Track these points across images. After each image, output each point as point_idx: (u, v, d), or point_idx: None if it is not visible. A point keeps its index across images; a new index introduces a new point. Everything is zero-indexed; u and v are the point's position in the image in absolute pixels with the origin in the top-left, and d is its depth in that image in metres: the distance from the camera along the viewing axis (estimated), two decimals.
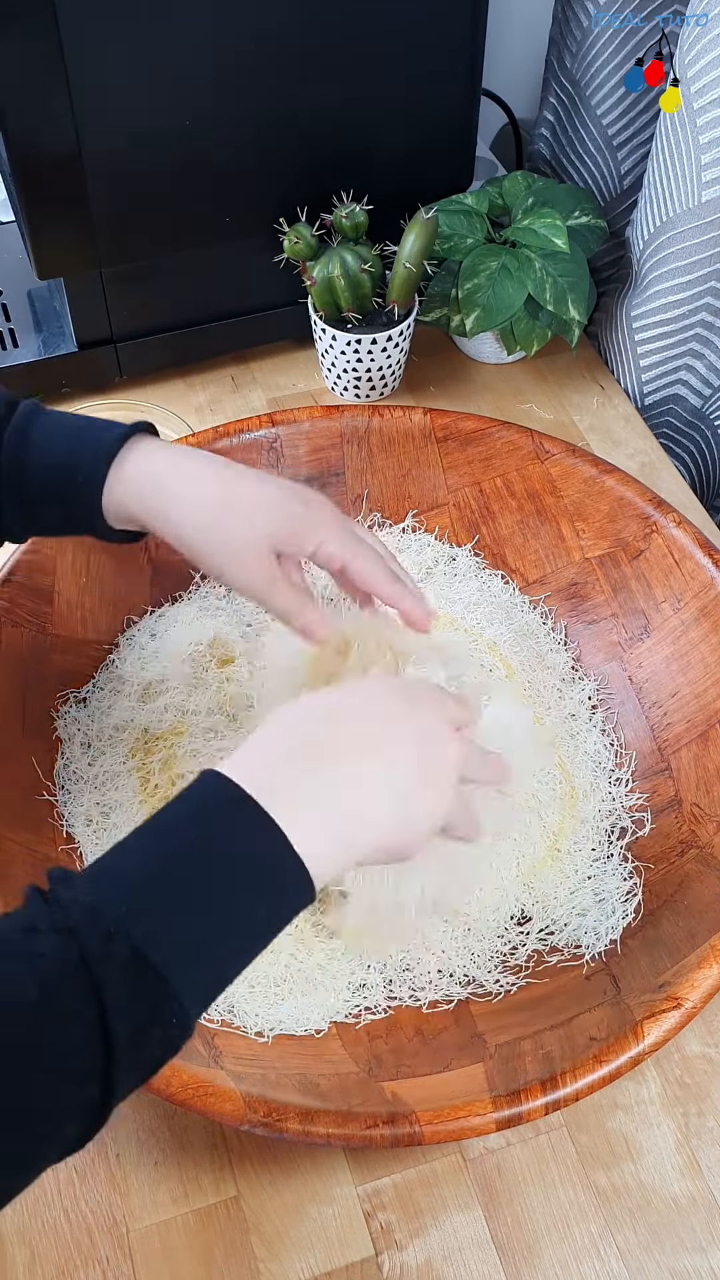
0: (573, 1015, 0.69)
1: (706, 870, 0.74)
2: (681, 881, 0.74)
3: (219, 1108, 0.62)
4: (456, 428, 0.91)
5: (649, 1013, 0.66)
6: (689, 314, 1.03)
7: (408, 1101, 0.64)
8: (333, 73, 0.92)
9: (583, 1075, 0.64)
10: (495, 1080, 0.65)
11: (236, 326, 1.08)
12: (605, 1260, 0.67)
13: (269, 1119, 0.61)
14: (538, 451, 0.89)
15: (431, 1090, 0.65)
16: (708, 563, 0.82)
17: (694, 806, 0.78)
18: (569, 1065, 0.64)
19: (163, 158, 0.92)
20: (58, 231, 0.94)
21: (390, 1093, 0.65)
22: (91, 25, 0.82)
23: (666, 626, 0.84)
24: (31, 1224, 0.68)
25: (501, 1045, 0.68)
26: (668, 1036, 0.65)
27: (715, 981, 0.66)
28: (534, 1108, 0.63)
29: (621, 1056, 0.64)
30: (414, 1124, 0.62)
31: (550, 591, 0.90)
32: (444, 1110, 0.63)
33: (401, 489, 0.93)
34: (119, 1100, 0.47)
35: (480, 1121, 0.62)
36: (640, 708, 0.84)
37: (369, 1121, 0.62)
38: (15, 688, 0.80)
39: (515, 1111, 0.63)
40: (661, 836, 0.78)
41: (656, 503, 0.86)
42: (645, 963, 0.70)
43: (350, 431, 0.92)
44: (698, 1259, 0.67)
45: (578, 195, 1.05)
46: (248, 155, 0.94)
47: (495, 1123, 0.62)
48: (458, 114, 1.00)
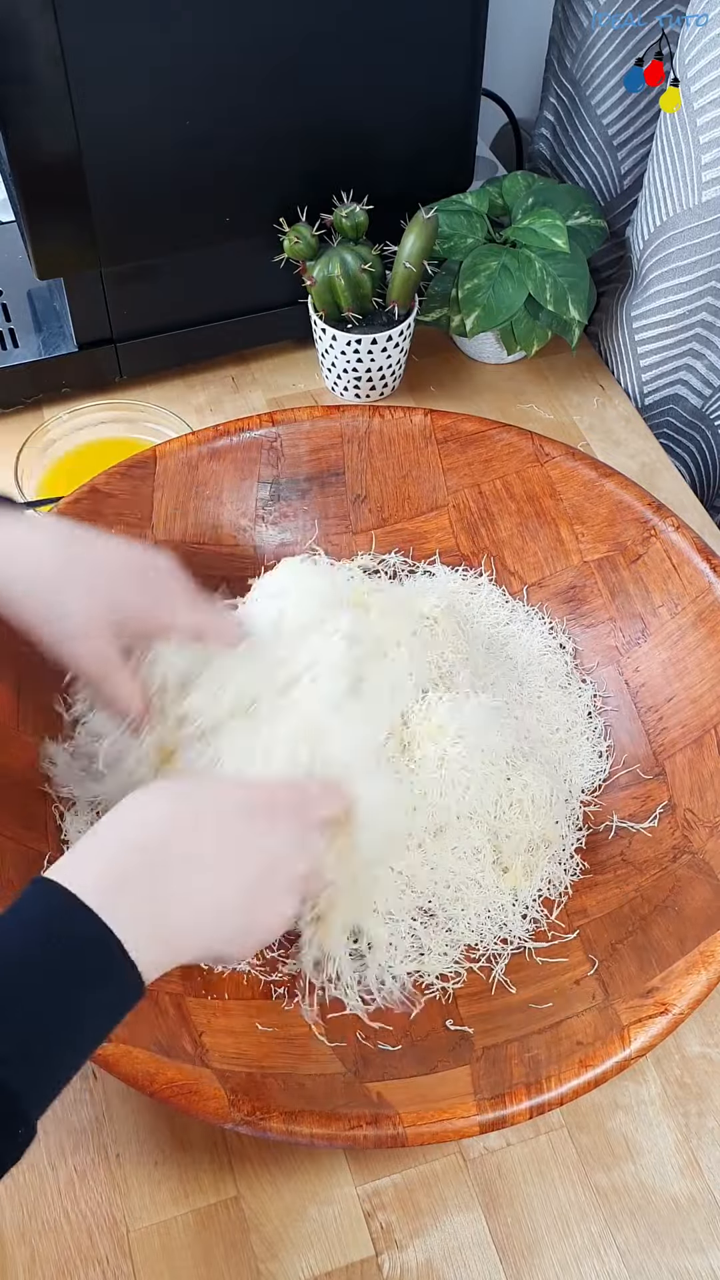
0: (561, 1019, 0.69)
1: (698, 876, 0.74)
2: (673, 887, 0.74)
3: (203, 1106, 0.62)
4: (457, 429, 0.91)
5: (636, 1018, 0.66)
6: (689, 314, 1.03)
7: (392, 1103, 0.64)
8: (333, 73, 0.92)
9: (568, 1079, 0.64)
10: (481, 1083, 0.65)
11: (236, 326, 1.08)
12: (605, 1260, 0.67)
13: (253, 1117, 0.62)
14: (537, 454, 0.89)
15: (416, 1092, 0.65)
16: (705, 568, 0.82)
17: (687, 812, 0.78)
18: (554, 1069, 0.64)
19: (163, 158, 0.92)
20: (58, 231, 0.94)
21: (376, 1094, 0.65)
22: (92, 26, 0.82)
23: (664, 631, 0.84)
24: (31, 1224, 0.68)
25: (489, 1048, 0.68)
26: (654, 1042, 0.65)
27: (703, 988, 0.66)
28: (518, 1111, 0.63)
29: (607, 1061, 0.64)
30: (398, 1125, 0.62)
31: (549, 594, 0.90)
32: (428, 1112, 0.63)
33: (401, 490, 0.93)
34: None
35: (464, 1124, 0.63)
36: (636, 712, 0.84)
37: (353, 1122, 0.62)
38: (10, 679, 0.80)
39: (499, 1115, 0.63)
40: (654, 842, 0.78)
41: (655, 507, 0.85)
42: (635, 968, 0.70)
43: (351, 431, 0.92)
44: (698, 1259, 0.67)
45: (578, 195, 1.05)
46: (248, 155, 0.94)
47: (479, 1125, 0.63)
48: (458, 114, 1.00)
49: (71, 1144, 0.70)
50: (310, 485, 0.92)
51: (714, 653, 0.81)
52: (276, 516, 0.92)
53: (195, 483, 0.90)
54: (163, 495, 0.89)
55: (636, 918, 0.74)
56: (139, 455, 0.88)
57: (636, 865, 0.77)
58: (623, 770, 0.82)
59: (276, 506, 0.92)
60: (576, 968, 0.73)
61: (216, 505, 0.91)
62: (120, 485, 0.87)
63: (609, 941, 0.74)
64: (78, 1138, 0.71)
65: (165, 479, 0.89)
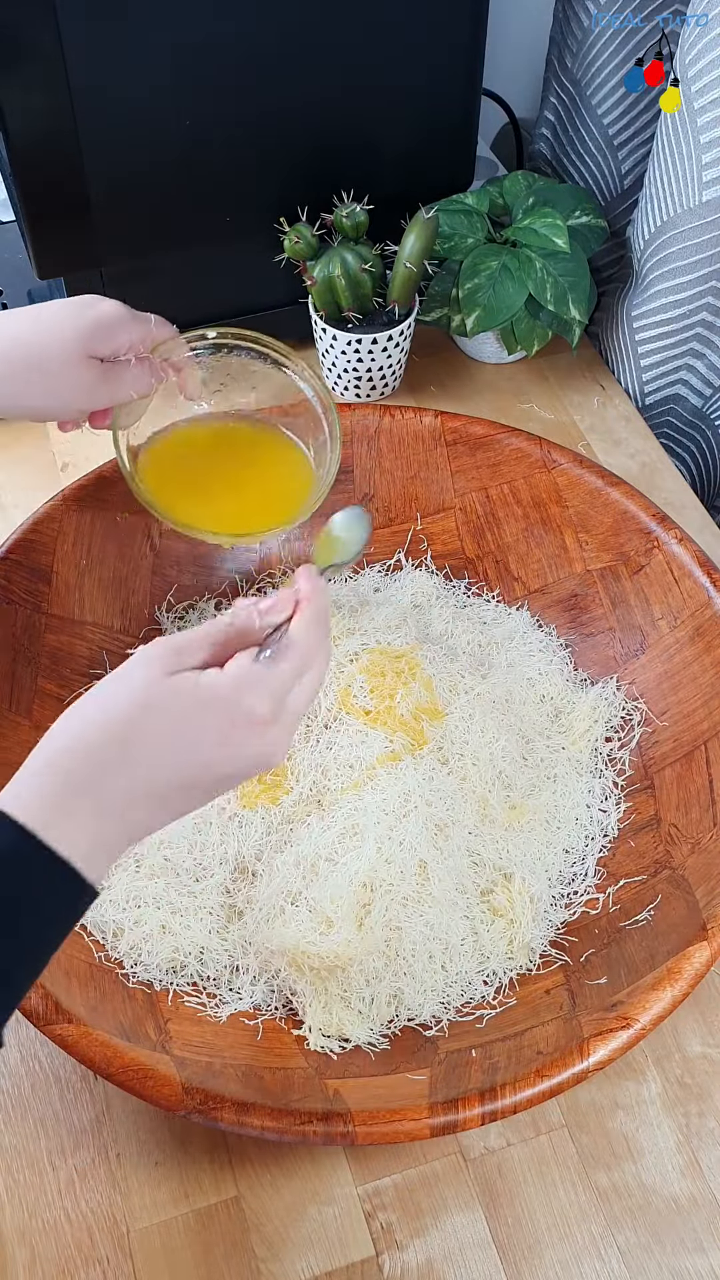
0: (526, 1028, 0.69)
1: (676, 892, 0.73)
2: (650, 902, 0.74)
3: (156, 1092, 0.63)
4: (466, 432, 0.91)
5: (597, 1030, 0.66)
6: (690, 314, 1.03)
7: (347, 1101, 0.65)
8: (333, 72, 0.92)
9: (522, 1089, 0.64)
10: (438, 1087, 0.65)
11: (237, 326, 1.07)
12: (606, 1260, 0.67)
13: (204, 1107, 0.62)
14: (545, 460, 0.89)
15: (373, 1092, 0.66)
16: (706, 582, 0.82)
17: (671, 827, 0.78)
18: (510, 1078, 0.64)
19: (163, 158, 0.92)
20: (58, 231, 0.94)
21: (333, 1090, 0.66)
22: (91, 25, 0.82)
23: (662, 644, 0.84)
24: (32, 1224, 0.68)
25: (451, 1053, 0.69)
26: (614, 1056, 0.65)
27: (667, 1005, 0.66)
28: (470, 1117, 0.63)
29: (564, 1073, 0.64)
30: (348, 1123, 0.63)
31: (551, 601, 0.89)
32: (379, 1112, 0.63)
33: (409, 490, 0.92)
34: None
35: (414, 1126, 0.63)
36: (629, 723, 0.84)
37: (304, 1118, 0.63)
38: (4, 664, 0.80)
39: (450, 1119, 0.63)
40: (637, 855, 0.78)
41: (660, 518, 0.85)
42: (604, 980, 0.70)
43: (361, 430, 0.92)
44: (698, 1259, 0.67)
45: (578, 195, 1.05)
46: (248, 155, 0.94)
47: (430, 1129, 0.63)
48: (458, 114, 1.00)
49: (71, 1144, 0.70)
50: None
51: (709, 668, 0.81)
52: None
53: None
54: None
55: (613, 929, 0.74)
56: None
57: (617, 878, 0.77)
58: (617, 795, 0.82)
59: None
60: (549, 977, 0.73)
61: None
62: None
63: (582, 951, 0.74)
64: (78, 1138, 0.71)
65: None
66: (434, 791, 0.76)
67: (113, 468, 0.86)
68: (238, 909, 0.75)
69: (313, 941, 0.70)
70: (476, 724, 0.79)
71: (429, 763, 0.77)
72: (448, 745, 0.79)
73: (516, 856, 0.77)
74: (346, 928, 0.71)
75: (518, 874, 0.76)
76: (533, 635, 0.88)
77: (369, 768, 0.76)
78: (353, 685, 0.78)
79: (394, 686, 0.79)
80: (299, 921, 0.72)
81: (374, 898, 0.73)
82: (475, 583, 0.92)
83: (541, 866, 0.77)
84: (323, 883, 0.73)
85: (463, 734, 0.79)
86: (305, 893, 0.73)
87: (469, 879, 0.75)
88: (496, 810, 0.78)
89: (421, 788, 0.75)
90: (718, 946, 0.68)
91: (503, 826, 0.78)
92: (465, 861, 0.76)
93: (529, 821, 0.78)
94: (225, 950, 0.73)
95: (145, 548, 0.88)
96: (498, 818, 0.78)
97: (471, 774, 0.78)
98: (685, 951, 0.68)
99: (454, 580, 0.92)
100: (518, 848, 0.77)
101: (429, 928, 0.73)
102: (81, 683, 0.84)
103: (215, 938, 0.73)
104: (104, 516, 0.86)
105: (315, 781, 0.77)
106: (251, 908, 0.74)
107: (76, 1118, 0.71)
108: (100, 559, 0.86)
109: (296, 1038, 0.71)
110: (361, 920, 0.72)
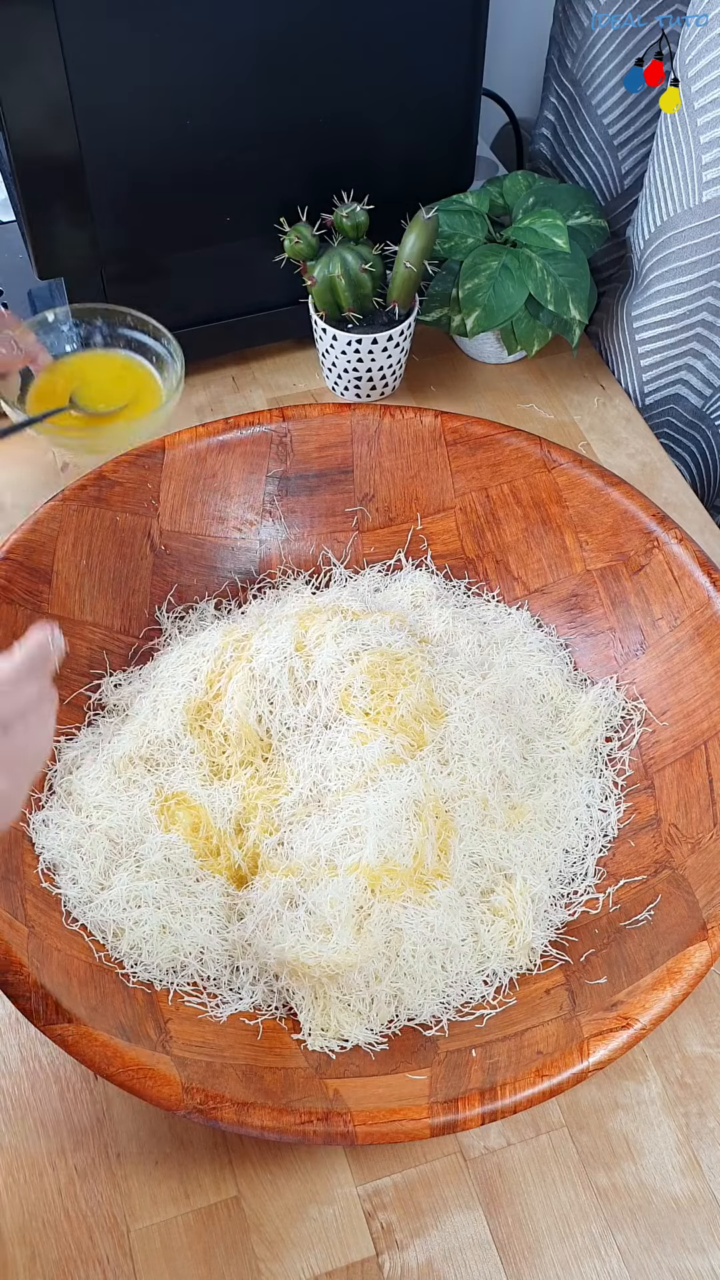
0: (526, 1028, 0.69)
1: (676, 892, 0.73)
2: (650, 902, 0.74)
3: (157, 1091, 0.63)
4: (466, 432, 0.91)
5: (597, 1030, 0.66)
6: (690, 314, 1.03)
7: (347, 1101, 0.65)
8: (333, 72, 0.92)
9: (522, 1089, 0.64)
10: (438, 1086, 0.65)
11: (237, 326, 1.08)
12: (606, 1260, 0.67)
13: (205, 1106, 0.62)
14: (545, 460, 0.89)
15: (373, 1091, 0.66)
16: (706, 582, 0.82)
17: (671, 827, 0.78)
18: (510, 1077, 0.64)
19: (163, 158, 0.92)
20: (58, 231, 0.94)
21: (333, 1090, 0.66)
22: (92, 25, 0.82)
23: (662, 644, 0.84)
24: (31, 1224, 0.68)
25: (451, 1053, 0.69)
26: (613, 1056, 0.65)
27: (668, 1005, 0.66)
28: (470, 1116, 0.63)
29: (564, 1073, 0.64)
30: (348, 1123, 0.63)
31: (551, 601, 0.89)
32: (379, 1112, 0.63)
33: (409, 490, 0.92)
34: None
35: (414, 1126, 0.63)
36: (630, 723, 0.84)
37: (304, 1117, 0.63)
38: None
39: (450, 1119, 0.63)
40: (637, 855, 0.78)
41: (660, 518, 0.85)
42: (604, 980, 0.70)
43: (361, 430, 0.92)
44: (698, 1259, 0.67)
45: (578, 195, 1.05)
46: (248, 155, 0.94)
47: (430, 1128, 0.63)
48: (458, 114, 1.00)
49: (71, 1144, 0.70)
50: (318, 482, 0.92)
51: (709, 667, 0.80)
52: (283, 512, 0.92)
53: (203, 475, 0.90)
54: (170, 485, 0.89)
55: (613, 929, 0.74)
56: (147, 445, 0.89)
57: (618, 878, 0.77)
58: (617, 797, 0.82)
59: (283, 502, 0.92)
60: (550, 977, 0.73)
61: (223, 498, 0.91)
62: (127, 474, 0.88)
63: (582, 951, 0.74)
64: (78, 1138, 0.71)
65: (173, 469, 0.89)
66: (434, 792, 0.76)
67: (113, 467, 0.87)
68: (238, 910, 0.75)
69: (311, 952, 0.70)
70: (476, 724, 0.79)
71: (429, 763, 0.77)
72: (448, 746, 0.79)
73: (517, 856, 0.77)
74: (345, 934, 0.71)
75: (518, 874, 0.76)
76: (532, 635, 0.88)
77: (369, 768, 0.76)
78: (353, 685, 0.78)
79: (394, 687, 0.79)
80: (297, 928, 0.71)
81: (373, 900, 0.73)
82: (475, 583, 0.92)
83: (542, 866, 0.77)
84: (322, 885, 0.73)
85: (463, 734, 0.79)
86: (304, 896, 0.73)
87: (469, 879, 0.75)
88: (496, 810, 0.78)
89: (422, 788, 0.75)
90: (718, 946, 0.68)
91: (503, 827, 0.78)
92: (465, 862, 0.76)
93: (529, 821, 0.78)
94: (225, 950, 0.73)
95: (145, 548, 0.88)
96: (498, 818, 0.78)
97: (471, 774, 0.78)
98: (685, 951, 0.68)
99: (454, 580, 0.92)
100: (518, 848, 0.77)
101: (429, 928, 0.73)
102: (82, 683, 0.84)
103: (215, 938, 0.73)
104: (104, 516, 0.86)
105: (315, 782, 0.77)
106: (251, 910, 0.74)
107: (76, 1117, 0.71)
108: (100, 559, 0.86)
109: (296, 1039, 0.71)
110: (360, 925, 0.72)
